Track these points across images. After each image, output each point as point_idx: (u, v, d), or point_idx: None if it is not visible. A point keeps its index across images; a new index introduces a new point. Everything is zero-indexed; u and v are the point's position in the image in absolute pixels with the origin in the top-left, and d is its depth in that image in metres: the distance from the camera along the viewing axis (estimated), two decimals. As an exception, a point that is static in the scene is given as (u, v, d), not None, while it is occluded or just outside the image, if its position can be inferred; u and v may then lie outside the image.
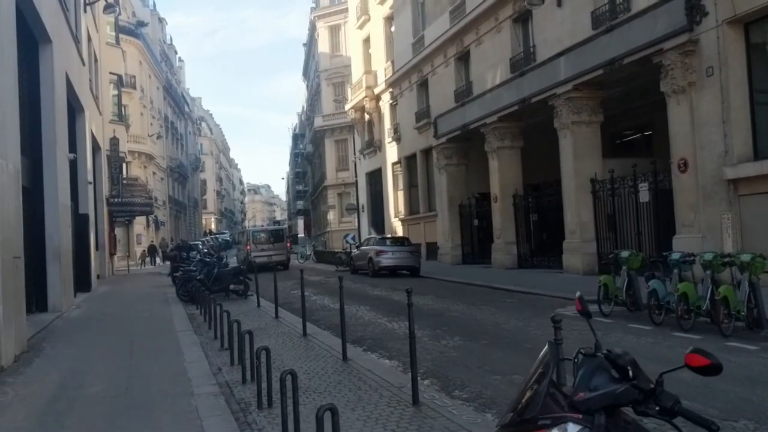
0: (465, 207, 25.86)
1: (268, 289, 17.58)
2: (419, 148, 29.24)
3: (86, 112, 21.26)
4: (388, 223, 33.43)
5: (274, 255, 29.06)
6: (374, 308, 13.88)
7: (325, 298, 16.65)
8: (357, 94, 35.74)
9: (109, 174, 29.93)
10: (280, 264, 28.17)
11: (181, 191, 67.05)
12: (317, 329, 11.16)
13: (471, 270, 22.66)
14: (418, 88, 29.26)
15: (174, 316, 13.90)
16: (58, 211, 14.35)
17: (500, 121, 22.10)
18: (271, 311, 13.99)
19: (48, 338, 10.91)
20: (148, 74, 51.40)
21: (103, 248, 27.06)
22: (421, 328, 10.75)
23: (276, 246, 30.35)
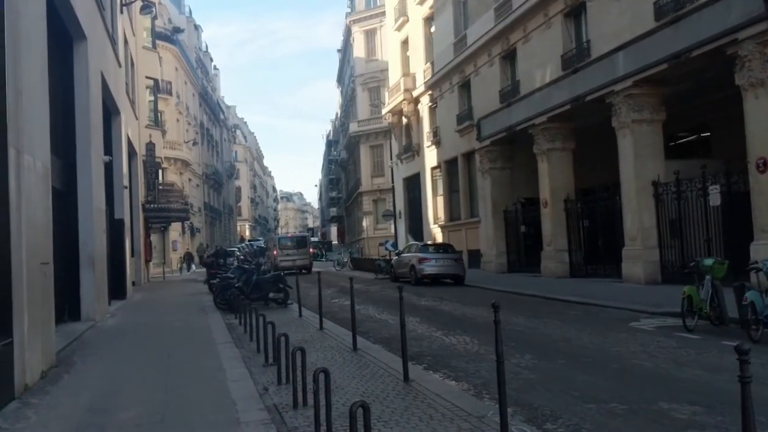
0: (510, 212, 24.70)
1: (308, 298, 16.74)
2: (461, 152, 28.19)
3: (122, 115, 20.76)
4: (427, 229, 32.40)
5: (298, 260, 32.77)
6: (426, 320, 12.86)
7: (369, 308, 15.69)
8: (394, 98, 34.87)
9: (145, 179, 29.54)
10: (303, 268, 31.29)
11: (216, 198, 67.02)
12: (367, 343, 10.21)
13: (519, 279, 21.49)
14: (459, 89, 28.24)
15: (212, 325, 13.09)
16: (92, 215, 13.69)
17: (550, 121, 20.95)
18: (314, 322, 13.09)
19: (79, 350, 10.16)
20: (184, 80, 51.38)
21: (139, 255, 26.58)
22: (483, 344, 9.71)
23: (300, 252, 33.79)
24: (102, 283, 14.61)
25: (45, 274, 8.45)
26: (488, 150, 25.11)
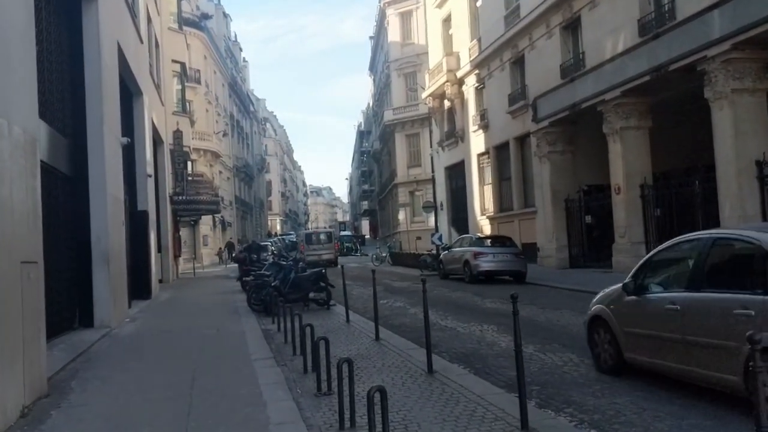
0: (572, 201, 22.20)
1: (350, 297, 14.66)
2: (513, 136, 25.71)
3: (145, 97, 18.84)
4: (473, 221, 30.01)
5: (324, 254, 33.59)
6: (505, 329, 10.55)
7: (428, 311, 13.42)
8: (436, 80, 32.45)
9: (173, 169, 27.73)
10: (329, 262, 31.37)
11: (247, 192, 65.44)
12: (442, 361, 7.99)
13: (587, 276, 19.02)
14: (511, 66, 25.74)
15: (247, 333, 11.02)
16: (106, 205, 11.70)
17: (624, 96, 18.41)
18: (365, 329, 10.96)
19: (83, 371, 8.12)
20: (213, 70, 49.66)
21: (167, 250, 24.75)
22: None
23: (325, 246, 34.99)
24: (119, 284, 12.64)
25: (29, 277, 6.39)
26: (546, 132, 22.63)
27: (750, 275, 5.62)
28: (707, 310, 5.87)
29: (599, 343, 7.34)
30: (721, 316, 5.62)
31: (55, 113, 10.47)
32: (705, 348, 5.75)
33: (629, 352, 6.85)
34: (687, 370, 6.07)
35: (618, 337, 6.99)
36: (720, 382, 5.65)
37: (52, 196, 10.14)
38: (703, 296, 5.96)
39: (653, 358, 6.54)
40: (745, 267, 5.87)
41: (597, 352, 7.39)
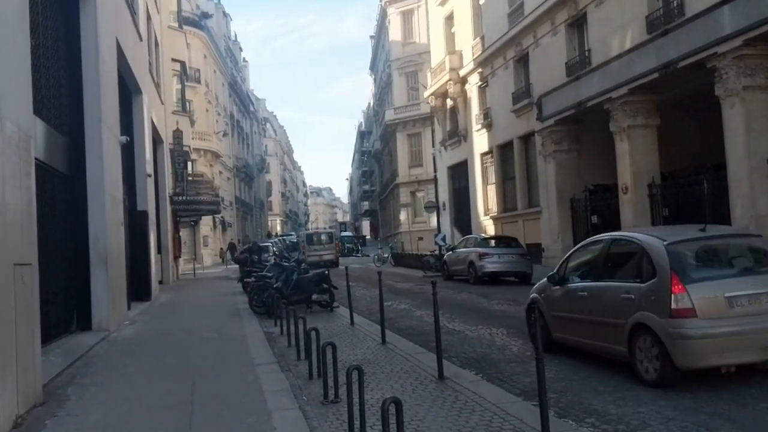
0: (578, 201, 21.88)
1: (354, 300, 14.41)
2: (517, 135, 25.40)
3: (144, 95, 18.55)
4: (476, 222, 29.69)
5: (325, 254, 33.61)
6: (516, 332, 10.25)
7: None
8: (438, 78, 32.13)
9: (173, 169, 27.42)
10: (330, 262, 31.16)
11: (248, 192, 65.13)
12: (453, 367, 7.68)
13: (594, 276, 18.72)
14: (515, 64, 25.43)
15: (249, 337, 10.73)
16: (104, 204, 11.40)
17: (631, 93, 18.09)
18: (370, 332, 10.68)
19: (80, 377, 7.82)
20: (213, 69, 49.36)
21: (167, 251, 24.45)
22: (619, 371, 7.05)
23: (326, 247, 34.93)
24: (118, 286, 12.34)
25: (23, 280, 6.09)
26: (551, 131, 22.32)
27: (633, 268, 7.19)
28: (604, 295, 7.41)
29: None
30: (613, 300, 7.15)
31: (51, 110, 10.18)
32: (603, 326, 7.22)
33: (556, 332, 8.30)
34: (593, 344, 7.56)
35: (547, 320, 8.43)
36: (613, 352, 7.09)
37: (49, 195, 9.83)
38: (601, 284, 7.54)
39: (572, 336, 8.01)
40: (630, 261, 7.36)
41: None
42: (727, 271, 6.85)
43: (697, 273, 6.63)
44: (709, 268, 6.92)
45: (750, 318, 6.29)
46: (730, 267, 7.02)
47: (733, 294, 6.34)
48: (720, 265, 7.08)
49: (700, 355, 6.22)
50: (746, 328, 6.23)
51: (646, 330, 6.53)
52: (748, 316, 6.30)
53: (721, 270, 6.90)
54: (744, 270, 6.88)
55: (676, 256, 6.63)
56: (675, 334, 6.21)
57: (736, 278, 6.63)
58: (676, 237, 7.11)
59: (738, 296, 6.35)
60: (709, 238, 7.28)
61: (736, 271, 6.88)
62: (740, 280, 6.60)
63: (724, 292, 6.34)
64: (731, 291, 6.35)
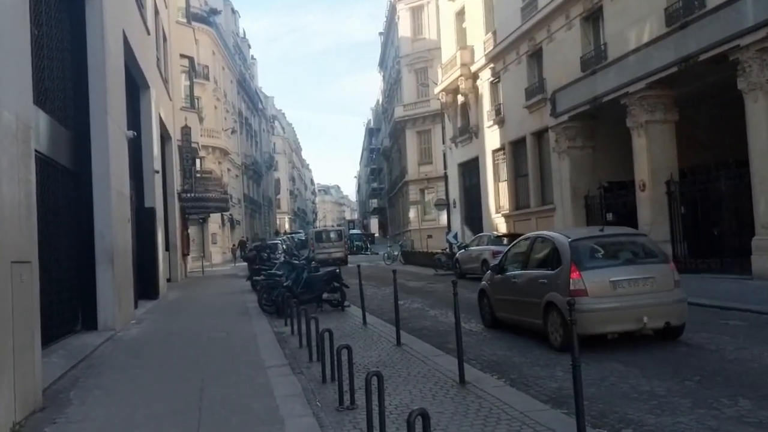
0: (593, 198, 21.43)
1: (366, 299, 14.05)
2: (530, 131, 24.96)
3: (152, 90, 18.26)
4: (487, 220, 29.26)
5: (334, 252, 33.04)
6: (535, 334, 9.85)
7: (448, 313, 12.76)
8: (449, 74, 31.70)
9: (181, 166, 27.15)
10: (338, 260, 30.67)
11: (256, 189, 64.89)
12: (473, 370, 7.29)
13: (610, 274, 18.28)
14: (528, 59, 24.98)
15: (258, 336, 10.39)
16: (110, 200, 11.10)
17: (649, 88, 17.64)
18: (384, 332, 10.35)
19: (83, 379, 7.51)
20: (221, 66, 49.09)
21: (175, 248, 24.19)
22: (662, 379, 6.65)
23: (335, 244, 34.31)
24: (124, 284, 12.03)
25: (21, 279, 5.76)
26: (566, 127, 21.88)
27: (547, 259, 8.98)
28: (528, 281, 9.32)
29: (482, 306, 10.87)
30: (533, 284, 9.03)
31: (55, 102, 9.87)
32: (528, 304, 9.00)
33: (498, 312, 10.30)
34: (522, 320, 9.45)
35: (492, 302, 10.42)
36: (534, 325, 8.65)
37: (52, 190, 9.53)
38: (527, 272, 9.50)
39: (508, 314, 9.97)
40: (546, 254, 9.13)
41: (482, 313, 10.92)
42: (613, 262, 8.64)
43: (590, 263, 8.41)
44: (600, 260, 8.62)
45: (629, 297, 8.17)
46: (616, 259, 8.77)
47: (616, 278, 8.20)
48: (609, 257, 8.72)
49: (591, 325, 7.94)
50: (625, 304, 8.11)
51: (554, 307, 8.29)
52: (627, 295, 8.18)
53: (609, 261, 8.64)
54: (626, 261, 8.73)
55: (576, 250, 8.46)
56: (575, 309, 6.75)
57: (619, 267, 8.51)
58: (578, 236, 9.10)
59: (620, 280, 8.21)
60: (604, 237, 9.13)
61: (621, 261, 8.70)
62: (623, 268, 8.47)
63: (610, 277, 8.21)
64: (615, 276, 8.22)
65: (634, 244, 9.31)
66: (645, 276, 8.33)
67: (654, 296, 8.23)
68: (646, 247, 9.16)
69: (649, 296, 8.21)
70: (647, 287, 8.26)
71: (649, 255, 8.91)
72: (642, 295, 8.18)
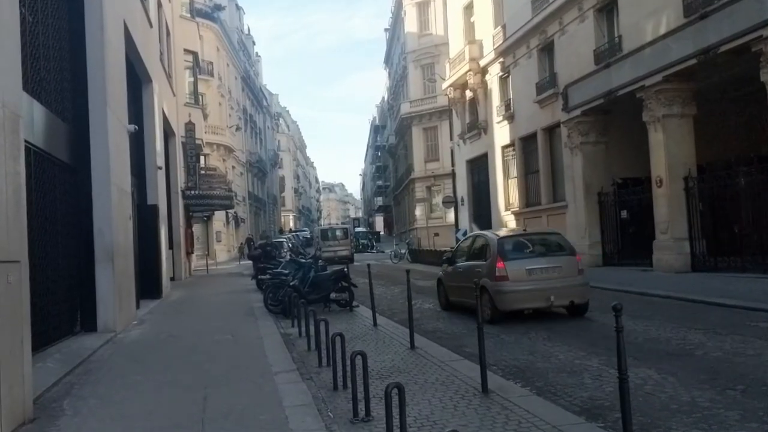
0: (606, 195, 20.91)
1: (372, 299, 13.58)
2: (541, 126, 24.41)
3: (155, 84, 17.81)
4: (496, 217, 28.73)
5: (340, 250, 32.81)
6: (555, 336, 9.36)
7: (463, 314, 12.26)
8: (457, 69, 31.14)
9: (185, 163, 26.71)
10: (344, 258, 30.39)
11: (260, 187, 64.47)
12: (495, 377, 6.80)
13: (626, 274, 17.76)
14: (539, 53, 24.42)
15: (265, 339, 9.92)
16: (110, 196, 10.64)
17: (666, 81, 17.10)
18: (395, 334, 9.88)
19: (78, 387, 7.05)
20: (226, 62, 48.64)
21: (179, 246, 23.77)
22: (701, 389, 6.14)
23: (341, 243, 34.20)
24: (125, 283, 11.58)
25: (8, 280, 5.29)
26: (578, 122, 21.33)
27: (482, 252, 11.36)
28: (469, 270, 11.38)
29: (439, 292, 13.22)
30: (472, 272, 10.87)
31: (51, 94, 9.41)
32: (469, 288, 10.34)
33: (451, 297, 12.59)
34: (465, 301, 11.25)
35: (447, 288, 12.75)
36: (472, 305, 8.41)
37: (49, 185, 9.09)
38: (469, 263, 11.81)
39: (457, 298, 12.17)
40: (482, 249, 11.49)
41: (439, 299, 13.22)
42: (529, 254, 11.02)
43: (511, 255, 10.83)
44: (519, 253, 10.98)
45: (540, 281, 10.50)
46: (532, 252, 11.12)
47: (531, 267, 10.61)
48: (526, 251, 11.09)
49: (511, 303, 10.48)
50: (537, 287, 10.47)
51: (485, 289, 10.33)
52: (539, 280, 10.50)
53: (526, 254, 11.01)
54: (540, 254, 11.10)
55: (501, 246, 10.97)
56: (497, 290, 10.50)
57: (534, 258, 10.90)
58: (505, 234, 11.98)
59: (534, 269, 10.61)
60: (525, 235, 12.03)
61: (535, 254, 11.08)
62: (536, 259, 10.86)
63: (525, 266, 10.61)
64: (530, 266, 10.63)
65: (548, 241, 11.81)
66: (554, 265, 10.69)
67: (561, 281, 10.48)
68: (557, 243, 11.50)
69: (557, 281, 10.47)
70: (555, 274, 10.57)
71: (559, 249, 11.25)
72: (551, 280, 10.46)
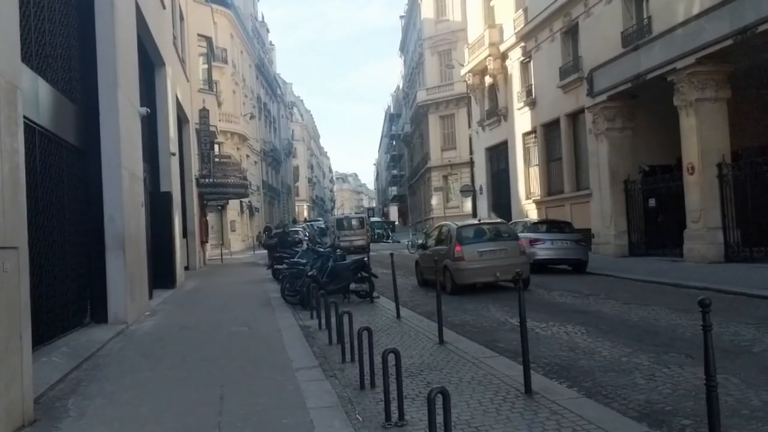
0: (633, 183, 20.18)
1: (389, 287, 13.00)
2: (564, 112, 23.68)
3: (168, 68, 17.29)
4: (517, 206, 28.07)
5: (356, 240, 32.58)
6: (594, 331, 8.75)
7: (489, 306, 11.69)
8: (477, 55, 30.40)
9: (199, 150, 26.24)
10: (360, 248, 30.13)
11: (275, 177, 64.04)
12: (537, 376, 6.20)
13: (654, 264, 17.09)
14: (562, 36, 23.65)
15: (283, 332, 9.40)
16: (120, 180, 10.14)
17: (700, 63, 16.35)
18: (420, 327, 9.36)
19: (85, 384, 6.55)
20: (240, 50, 48.09)
21: (193, 235, 23.33)
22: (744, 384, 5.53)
23: (357, 232, 33.91)
24: (137, 273, 11.10)
25: (4, 269, 4.78)
26: (604, 107, 20.58)
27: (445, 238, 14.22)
28: (436, 253, 13.55)
29: (417, 272, 15.83)
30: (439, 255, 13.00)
31: (58, 72, 8.90)
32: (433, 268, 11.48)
33: (425, 275, 15.09)
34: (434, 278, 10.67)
35: (422, 269, 15.36)
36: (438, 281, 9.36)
37: (56, 169, 8.60)
38: (436, 247, 14.43)
39: (429, 276, 14.24)
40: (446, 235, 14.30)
41: (417, 277, 15.79)
42: (481, 240, 13.71)
43: (467, 241, 13.48)
44: (473, 238, 13.68)
45: (489, 261, 13.11)
46: (484, 238, 13.82)
47: (481, 250, 13.29)
48: (479, 237, 13.84)
49: (466, 278, 13.18)
50: (486, 265, 13.02)
51: (447, 268, 13.23)
52: (488, 260, 13.11)
53: (479, 239, 13.72)
54: (489, 239, 13.74)
55: (459, 233, 13.64)
56: (455, 268, 13.18)
57: (485, 243, 13.56)
58: (463, 224, 14.71)
59: (484, 251, 13.28)
60: (479, 224, 14.87)
61: (486, 239, 13.75)
62: (486, 243, 13.54)
63: (477, 249, 13.28)
64: (481, 248, 13.32)
65: (498, 229, 14.45)
66: (500, 248, 13.51)
67: (505, 260, 13.10)
68: (505, 230, 14.50)
69: (502, 260, 13.14)
70: (501, 255, 13.33)
71: (505, 235, 14.15)
72: (497, 260, 13.17)
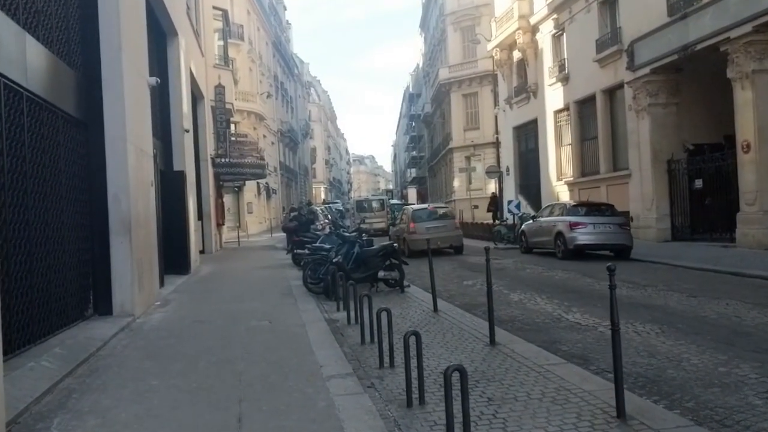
0: (677, 162, 18.82)
1: (419, 275, 11.95)
2: (600, 88, 22.27)
3: (181, 39, 16.18)
4: (547, 187, 26.77)
5: (376, 222, 32.70)
6: (668, 328, 7.57)
7: (536, 298, 10.55)
8: (505, 28, 28.94)
9: (215, 128, 25.19)
10: (380, 231, 30.04)
11: (292, 158, 62.98)
12: (628, 395, 5.04)
13: (702, 250, 15.82)
14: (600, 6, 22.18)
15: (308, 327, 8.33)
16: (126, 157, 9.06)
17: (757, 32, 14.95)
18: (463, 322, 8.30)
19: (78, 395, 5.51)
20: (256, 26, 46.84)
21: (209, 217, 22.38)
22: None
23: (377, 214, 34.65)
24: (146, 258, 10.07)
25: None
26: (647, 81, 19.18)
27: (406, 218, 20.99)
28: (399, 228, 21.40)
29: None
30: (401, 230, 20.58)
31: (53, 32, 7.81)
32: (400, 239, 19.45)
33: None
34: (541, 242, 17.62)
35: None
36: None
37: (53, 142, 7.55)
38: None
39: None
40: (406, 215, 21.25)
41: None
42: (428, 218, 19.73)
43: (418, 220, 19.60)
44: (423, 218, 19.72)
45: (432, 233, 17.71)
46: (431, 217, 19.87)
47: (428, 226, 19.06)
48: (428, 217, 19.81)
49: (415, 246, 18.26)
50: (430, 236, 14.94)
51: (404, 239, 19.30)
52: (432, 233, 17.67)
53: (427, 218, 19.72)
54: (435, 219, 19.80)
55: (414, 213, 20.31)
56: (409, 239, 19.07)
57: (431, 221, 19.56)
58: (417, 207, 23.30)
59: (429, 227, 19.03)
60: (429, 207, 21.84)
61: (432, 218, 19.78)
62: (432, 222, 19.57)
63: (425, 225, 19.13)
64: (427, 225, 19.13)
65: (441, 211, 20.85)
66: (441, 225, 19.35)
67: (444, 233, 19.04)
68: (446, 212, 21.17)
69: (442, 233, 18.85)
70: (441, 230, 19.08)
71: (446, 216, 20.38)
72: (439, 233, 18.58)
